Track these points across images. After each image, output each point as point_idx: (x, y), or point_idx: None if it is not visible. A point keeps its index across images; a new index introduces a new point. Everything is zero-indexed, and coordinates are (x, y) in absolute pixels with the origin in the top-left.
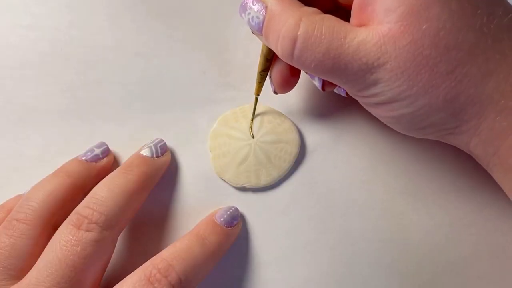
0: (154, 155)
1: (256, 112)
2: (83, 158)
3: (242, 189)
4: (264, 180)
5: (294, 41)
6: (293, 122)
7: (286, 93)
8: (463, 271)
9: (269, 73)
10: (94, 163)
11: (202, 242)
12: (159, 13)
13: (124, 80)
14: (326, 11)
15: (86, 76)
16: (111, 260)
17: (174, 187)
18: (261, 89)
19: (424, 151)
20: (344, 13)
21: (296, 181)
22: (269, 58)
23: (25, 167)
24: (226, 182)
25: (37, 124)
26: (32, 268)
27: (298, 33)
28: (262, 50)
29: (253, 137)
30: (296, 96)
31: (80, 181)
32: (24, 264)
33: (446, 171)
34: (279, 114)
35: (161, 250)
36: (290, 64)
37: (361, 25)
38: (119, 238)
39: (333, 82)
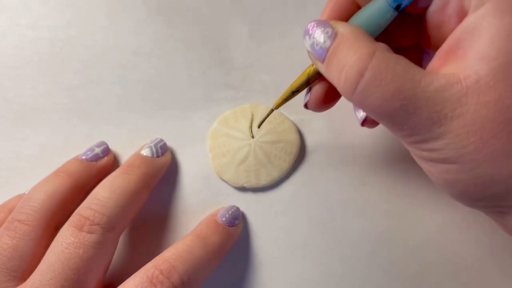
0: (155, 155)
1: (256, 111)
2: (83, 157)
3: (242, 189)
4: (264, 180)
5: (361, 73)
6: (293, 122)
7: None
8: (464, 271)
9: (309, 90)
10: (95, 162)
11: (204, 242)
12: (159, 12)
13: (123, 79)
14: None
15: (86, 75)
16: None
17: (173, 187)
18: (282, 105)
19: None
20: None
21: (296, 181)
22: (311, 82)
23: (25, 167)
24: (225, 182)
25: (36, 124)
26: (35, 271)
27: (370, 65)
28: (308, 72)
29: (253, 137)
30: (296, 96)
31: (80, 180)
32: (26, 265)
33: None
34: (279, 114)
35: (161, 250)
36: (348, 99)
37: (442, 68)
38: (119, 238)
39: (388, 127)
